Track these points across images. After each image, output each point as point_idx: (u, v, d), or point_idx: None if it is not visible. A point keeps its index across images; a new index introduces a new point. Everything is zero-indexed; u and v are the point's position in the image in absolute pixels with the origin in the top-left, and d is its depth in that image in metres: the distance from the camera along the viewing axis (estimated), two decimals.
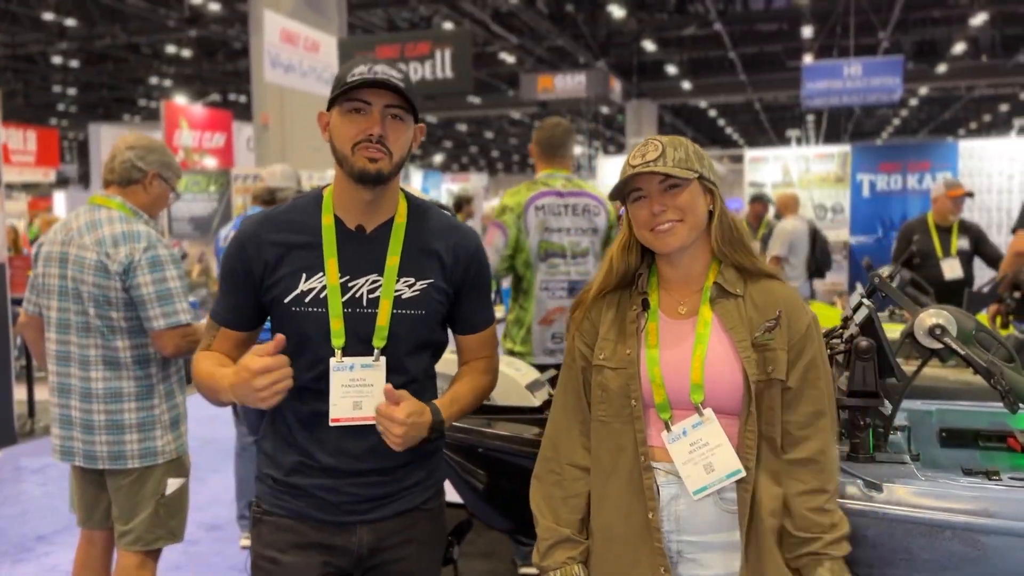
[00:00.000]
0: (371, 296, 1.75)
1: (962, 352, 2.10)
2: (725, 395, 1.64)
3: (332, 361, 1.72)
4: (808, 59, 17.96)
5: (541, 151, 3.69)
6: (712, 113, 30.62)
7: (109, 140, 15.60)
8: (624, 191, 1.68)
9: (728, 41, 19.16)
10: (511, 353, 3.77)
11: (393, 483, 1.82)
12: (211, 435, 5.67)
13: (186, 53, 20.32)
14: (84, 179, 27.48)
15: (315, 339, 1.73)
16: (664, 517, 1.67)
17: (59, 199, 20.09)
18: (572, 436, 1.76)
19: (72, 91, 25.31)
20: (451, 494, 4.47)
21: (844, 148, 10.56)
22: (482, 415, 2.53)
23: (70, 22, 17.62)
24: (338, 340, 1.72)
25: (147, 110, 27.60)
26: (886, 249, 9.86)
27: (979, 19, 16.95)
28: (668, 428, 1.67)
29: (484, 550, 3.97)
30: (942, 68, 20.53)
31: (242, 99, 24.79)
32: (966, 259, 5.58)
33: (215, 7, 16.30)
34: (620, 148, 28.54)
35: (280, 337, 1.65)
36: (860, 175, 10.22)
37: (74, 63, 21.63)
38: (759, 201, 8.20)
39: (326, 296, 1.73)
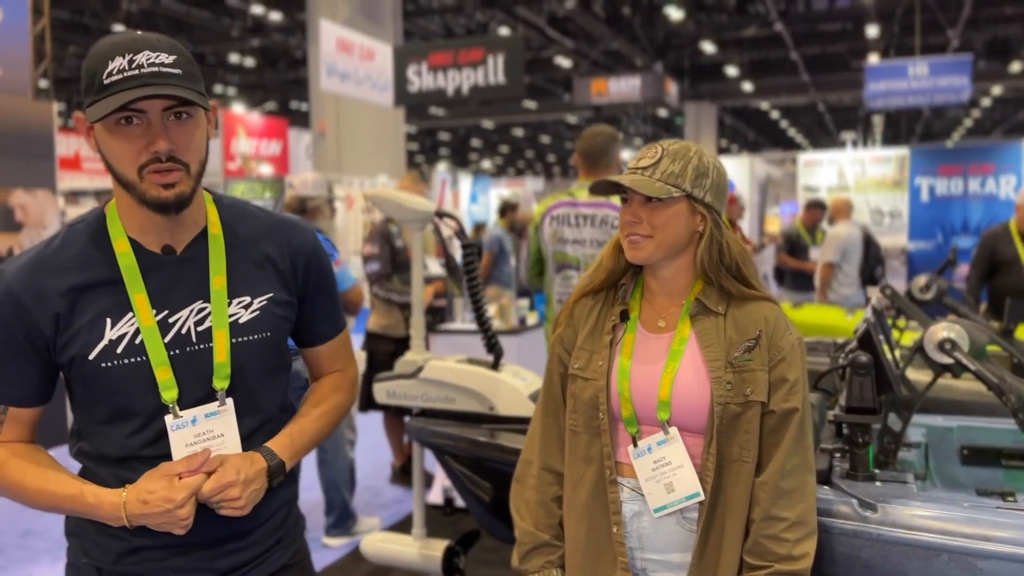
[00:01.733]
0: (200, 329, 1.42)
1: (973, 368, 2.03)
2: (691, 414, 1.60)
3: (168, 419, 1.40)
4: (874, 59, 17.50)
5: (582, 160, 3.61)
6: (774, 115, 30.07)
7: None
8: (611, 189, 1.64)
9: (790, 41, 18.79)
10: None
11: (254, 547, 1.51)
12: None
13: (249, 62, 20.82)
14: None
15: (139, 397, 1.39)
16: (627, 533, 1.65)
17: None
18: (550, 441, 1.76)
19: None
20: (459, 499, 4.48)
21: (902, 151, 10.28)
22: (486, 426, 2.53)
23: (139, 33, 18.20)
24: (169, 392, 1.39)
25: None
26: (945, 256, 9.54)
27: None
28: (635, 443, 1.64)
29: (506, 558, 3.95)
30: (1015, 67, 19.78)
31: (303, 107, 25.28)
32: None
33: (276, 17, 16.68)
34: None
35: (206, 452, 1.38)
36: (919, 179, 9.91)
37: (178, 44, 22.29)
38: (816, 206, 7.99)
39: (142, 341, 1.38)
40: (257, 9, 15.83)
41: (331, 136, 13.98)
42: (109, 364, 1.38)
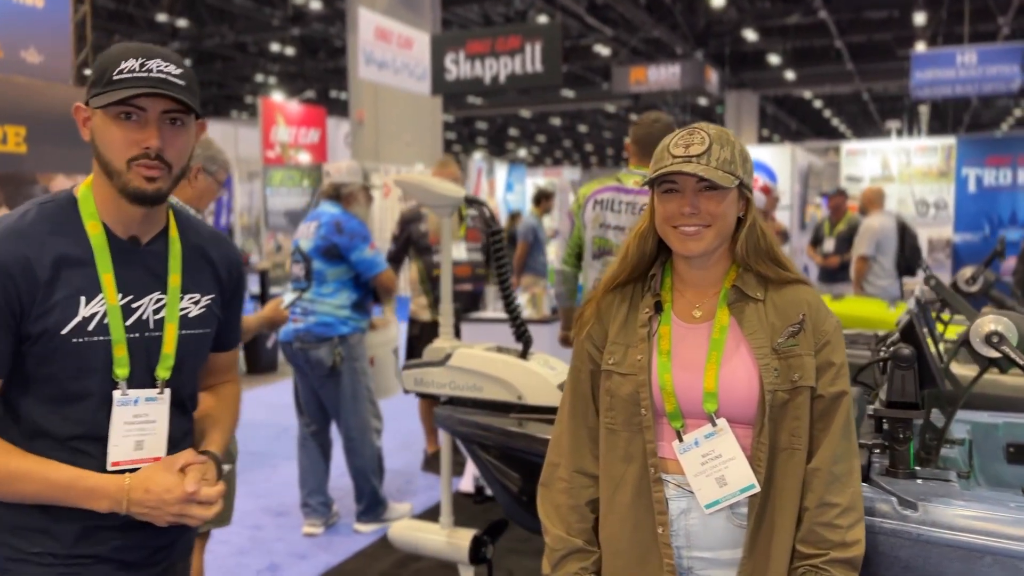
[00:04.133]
0: (157, 318, 1.52)
1: (1021, 362, 1.93)
2: (740, 404, 1.55)
3: (116, 394, 1.47)
4: (920, 47, 17.10)
5: (639, 148, 3.47)
6: (817, 104, 29.58)
7: (218, 136, 16.27)
8: (656, 180, 1.58)
9: (834, 29, 18.44)
10: None
11: (177, 528, 1.56)
12: (286, 423, 5.83)
13: (289, 51, 20.99)
14: None
15: (98, 374, 1.45)
16: (674, 532, 1.59)
17: None
18: (579, 442, 1.69)
19: None
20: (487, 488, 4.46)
21: (948, 140, 10.00)
22: (514, 415, 2.49)
23: (182, 23, 18.46)
24: (122, 370, 1.47)
25: (254, 107, 28.64)
26: (992, 248, 9.29)
27: None
28: (680, 438, 1.58)
29: (539, 548, 3.93)
30: None
31: (342, 96, 25.44)
32: None
33: (316, 6, 16.77)
34: None
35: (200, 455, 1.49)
36: (966, 169, 9.65)
37: (186, 62, 22.54)
38: (840, 194, 7.81)
39: (108, 321, 1.46)
40: None
41: (369, 125, 14.03)
42: (79, 340, 1.44)
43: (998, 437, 2.33)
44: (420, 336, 5.13)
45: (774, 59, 21.18)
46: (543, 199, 7.98)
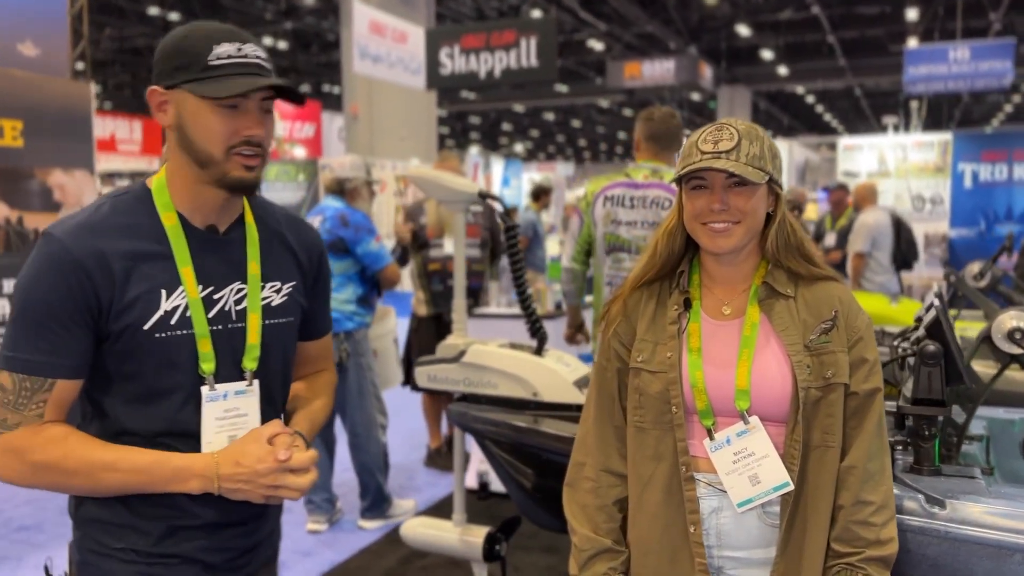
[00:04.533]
0: (239, 308, 1.47)
1: None
2: (773, 402, 1.54)
3: (204, 390, 1.43)
4: (913, 43, 17.14)
5: (654, 143, 3.44)
6: (809, 99, 29.64)
7: None
8: (685, 177, 1.57)
9: (827, 25, 18.47)
10: (594, 352, 3.72)
11: (261, 531, 1.56)
12: None
13: (282, 45, 20.87)
14: None
15: (184, 369, 1.41)
16: (705, 531, 1.58)
17: None
18: (606, 441, 1.68)
19: None
20: (499, 485, 4.46)
21: (944, 136, 10.04)
22: (529, 412, 2.48)
23: (174, 16, 18.34)
24: (208, 364, 1.43)
25: None
26: (990, 243, 9.32)
27: None
28: (711, 436, 1.57)
29: (546, 544, 3.93)
30: None
31: (336, 90, 25.33)
32: None
33: (309, 0, 16.69)
34: None
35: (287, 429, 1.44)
36: (962, 164, 9.68)
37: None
38: (841, 188, 7.81)
39: (191, 315, 1.41)
40: None
41: (363, 119, 13.97)
42: (162, 335, 1.39)
43: (1014, 433, 2.33)
44: (417, 330, 5.13)
45: (767, 54, 21.20)
46: (541, 194, 7.97)
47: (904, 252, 6.88)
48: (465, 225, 5.06)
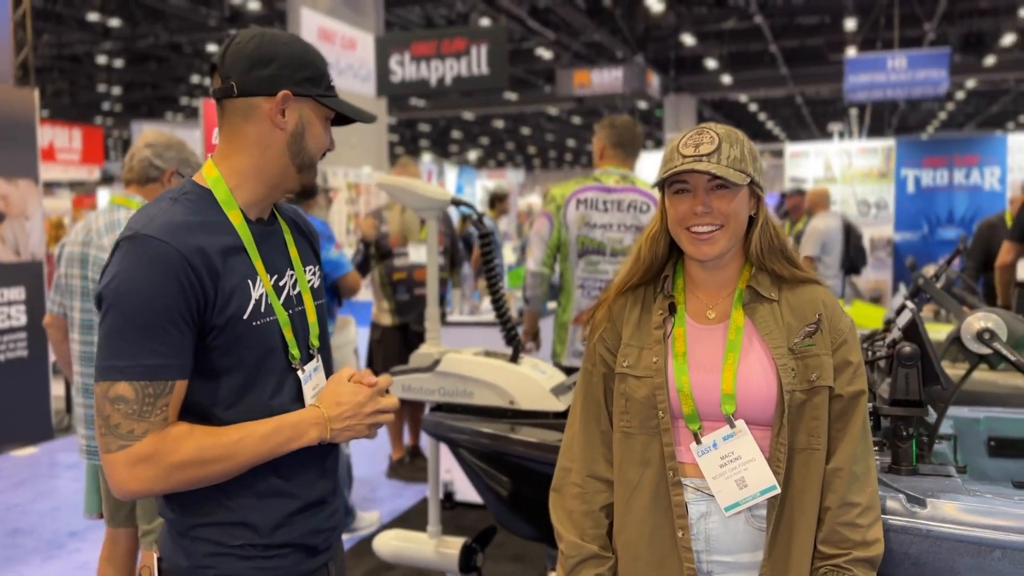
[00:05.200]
0: (296, 292, 1.56)
1: (1013, 358, 1.99)
2: (758, 406, 1.55)
3: (299, 374, 1.52)
4: (851, 52, 17.58)
5: (620, 150, 3.52)
6: (752, 107, 30.20)
7: None
8: (667, 181, 1.57)
9: (769, 34, 18.85)
10: (553, 355, 3.71)
11: (337, 506, 1.64)
12: None
13: None
14: None
15: (279, 354, 1.49)
16: (694, 535, 1.58)
17: (103, 196, 20.46)
18: (593, 446, 1.67)
19: (116, 90, 25.74)
20: (464, 494, 4.43)
21: (888, 142, 10.31)
22: (506, 420, 2.46)
23: (114, 22, 17.91)
24: (295, 350, 1.52)
25: (189, 108, 27.99)
26: (932, 246, 9.60)
27: None
28: (698, 440, 1.58)
29: (514, 553, 3.91)
30: (990, 60, 20.01)
31: None
32: None
33: (255, 6, 16.44)
34: (658, 144, 28.33)
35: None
36: (905, 170, 9.96)
37: (118, 63, 21.98)
38: (799, 194, 7.97)
39: (271, 303, 1.48)
40: None
41: None
42: (258, 323, 1.45)
43: (980, 431, 2.39)
44: (381, 340, 5.07)
45: (711, 63, 21.54)
46: (498, 201, 7.95)
47: (852, 257, 7.05)
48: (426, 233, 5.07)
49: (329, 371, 1.63)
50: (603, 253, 3.46)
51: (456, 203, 2.59)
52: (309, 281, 1.61)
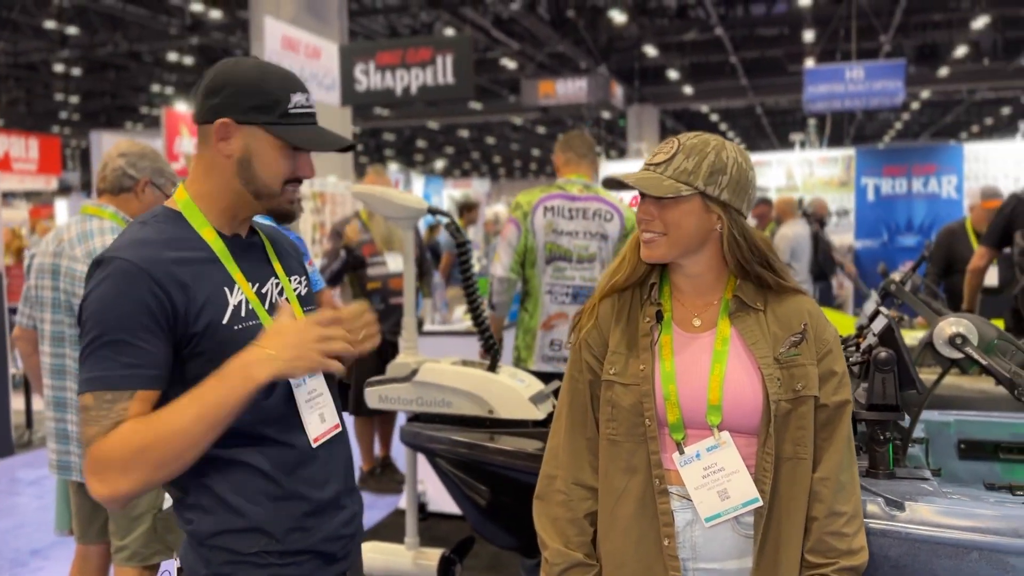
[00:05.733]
0: (282, 299, 1.62)
1: (984, 362, 2.03)
2: (744, 415, 1.56)
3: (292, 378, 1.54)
4: (810, 63, 17.89)
5: (567, 156, 3.71)
6: (714, 118, 30.56)
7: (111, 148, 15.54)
8: (623, 185, 1.59)
9: (729, 46, 19.10)
10: (517, 360, 3.71)
11: (356, 511, 1.67)
12: None
13: (188, 61, 20.29)
14: (86, 187, 27.41)
15: None
16: (680, 544, 1.59)
17: (61, 207, 20.06)
18: (578, 454, 1.67)
19: (74, 99, 25.28)
20: (452, 507, 4.41)
21: (848, 152, 10.51)
22: (485, 429, 2.46)
23: (72, 30, 17.59)
24: None
25: (149, 117, 27.57)
26: (893, 253, 9.78)
27: (980, 22, 16.86)
28: (681, 450, 1.58)
29: (488, 563, 3.89)
30: (944, 71, 20.47)
31: None
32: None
33: (216, 15, 16.27)
34: (622, 153, 28.52)
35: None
36: (865, 179, 10.15)
37: (76, 71, 21.62)
38: (765, 203, 8.09)
39: (253, 308, 1.53)
40: (196, 7, 15.42)
41: None
42: (239, 327, 1.49)
43: (950, 435, 2.44)
44: None
45: (673, 74, 21.76)
46: (466, 211, 7.94)
47: (821, 264, 7.16)
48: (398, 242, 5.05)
49: (328, 377, 1.64)
50: (570, 260, 3.56)
51: (433, 212, 2.58)
52: (296, 289, 1.65)
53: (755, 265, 1.60)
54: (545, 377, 2.92)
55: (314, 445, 1.55)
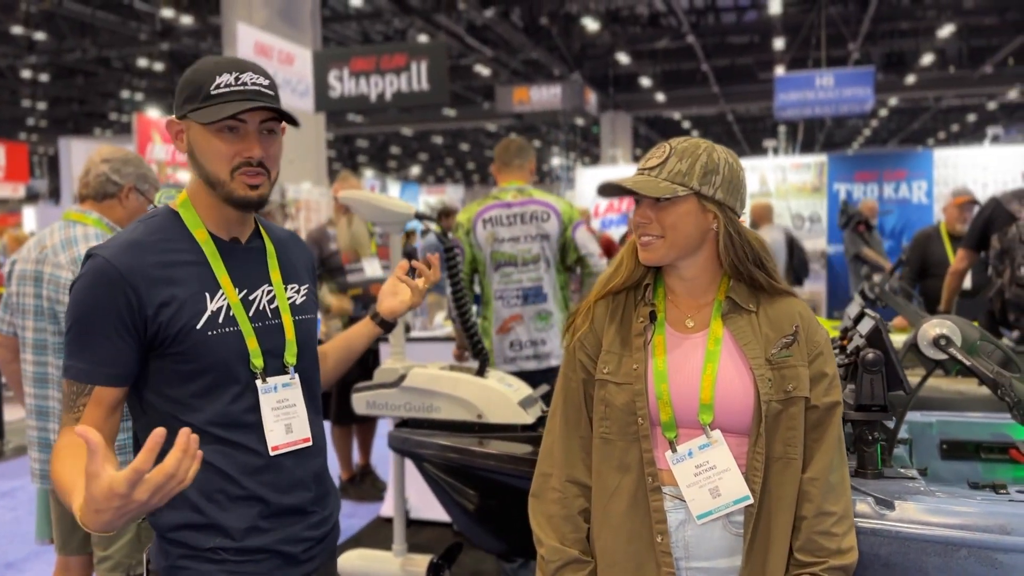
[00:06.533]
0: (272, 307, 1.62)
1: (968, 363, 2.06)
2: (736, 415, 1.58)
3: (259, 384, 1.56)
4: (780, 71, 18.11)
5: (499, 165, 3.85)
6: (686, 125, 30.81)
7: (80, 155, 15.31)
8: (619, 190, 1.60)
9: (701, 54, 19.29)
10: None
11: (328, 519, 1.69)
12: None
13: (158, 67, 20.10)
14: (55, 194, 27.04)
15: (238, 364, 1.54)
16: (673, 543, 1.60)
17: (29, 215, 19.76)
18: (572, 452, 1.68)
19: (42, 105, 24.94)
20: (440, 513, 4.40)
21: (820, 158, 10.65)
22: (473, 434, 2.45)
23: (39, 36, 17.36)
24: (258, 359, 1.56)
25: (118, 124, 27.26)
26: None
27: (946, 31, 17.19)
28: (673, 448, 1.60)
29: (471, 568, 3.88)
30: (911, 79, 20.82)
31: None
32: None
33: (187, 20, 16.13)
34: (596, 159, 28.67)
35: (158, 432, 1.17)
36: (837, 184, 10.29)
37: (44, 77, 21.32)
38: None
39: (234, 314, 1.55)
40: (167, 13, 15.28)
41: None
42: (213, 332, 1.51)
43: (933, 435, 2.47)
44: None
45: (645, 81, 21.93)
46: (444, 216, 7.94)
47: (796, 268, 7.25)
48: (376, 247, 5.03)
49: (313, 391, 1.67)
50: (515, 264, 3.69)
51: (420, 217, 2.58)
52: (291, 298, 1.66)
53: (749, 264, 1.63)
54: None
55: (272, 454, 1.56)
